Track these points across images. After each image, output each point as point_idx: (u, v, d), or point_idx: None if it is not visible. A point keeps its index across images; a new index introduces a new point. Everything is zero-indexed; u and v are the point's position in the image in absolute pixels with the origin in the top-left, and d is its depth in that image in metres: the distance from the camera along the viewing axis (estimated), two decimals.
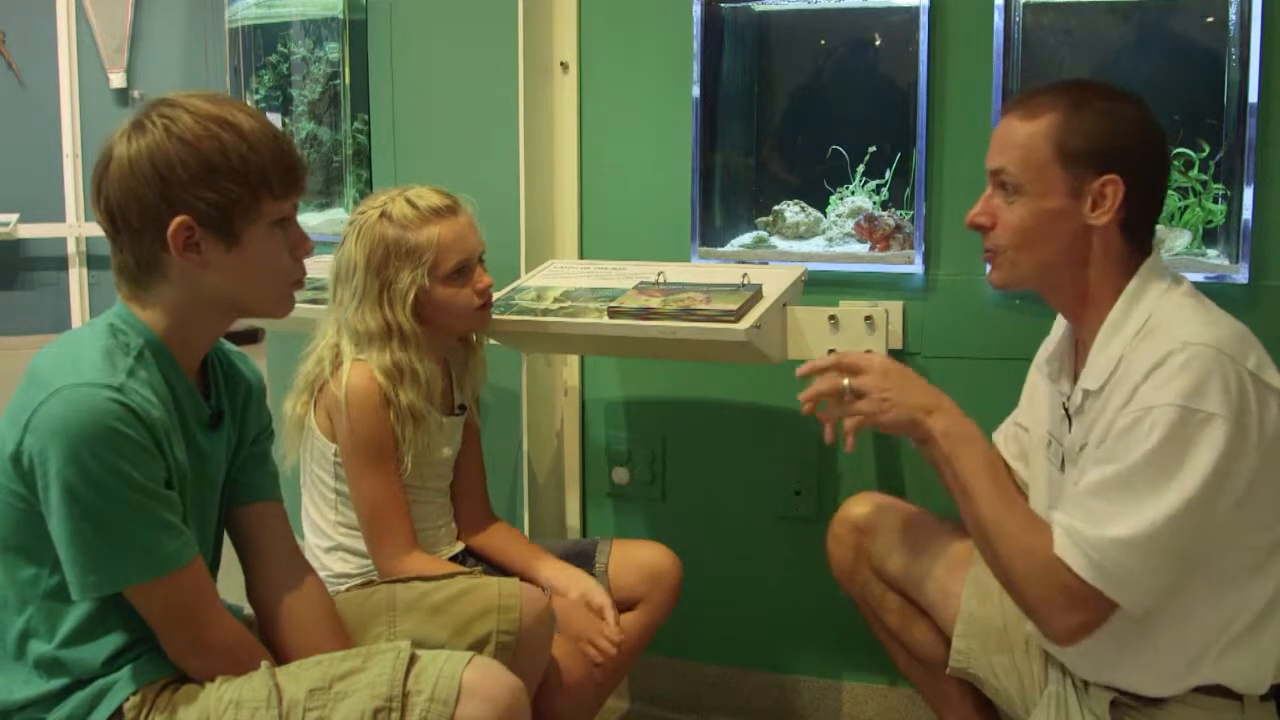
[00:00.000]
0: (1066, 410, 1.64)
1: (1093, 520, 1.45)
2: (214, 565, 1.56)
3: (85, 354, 1.35)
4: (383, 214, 1.92)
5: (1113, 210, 1.53)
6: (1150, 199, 1.57)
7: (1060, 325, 1.72)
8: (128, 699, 1.37)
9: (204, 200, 1.36)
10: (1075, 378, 1.62)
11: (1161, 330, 1.49)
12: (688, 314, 1.95)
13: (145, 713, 1.37)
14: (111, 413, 1.30)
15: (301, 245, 1.47)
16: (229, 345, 1.61)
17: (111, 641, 1.39)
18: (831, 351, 2.09)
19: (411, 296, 1.90)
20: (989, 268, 1.64)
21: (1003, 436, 1.87)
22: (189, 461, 1.43)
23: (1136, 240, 1.57)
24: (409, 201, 1.93)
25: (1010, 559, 1.52)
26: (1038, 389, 1.77)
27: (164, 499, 1.35)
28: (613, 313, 2.01)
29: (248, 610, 1.60)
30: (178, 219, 1.36)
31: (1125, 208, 1.53)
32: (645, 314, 1.98)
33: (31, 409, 1.30)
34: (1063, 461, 1.64)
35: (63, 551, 1.32)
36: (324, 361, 1.94)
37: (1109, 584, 1.44)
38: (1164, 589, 1.47)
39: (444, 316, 1.95)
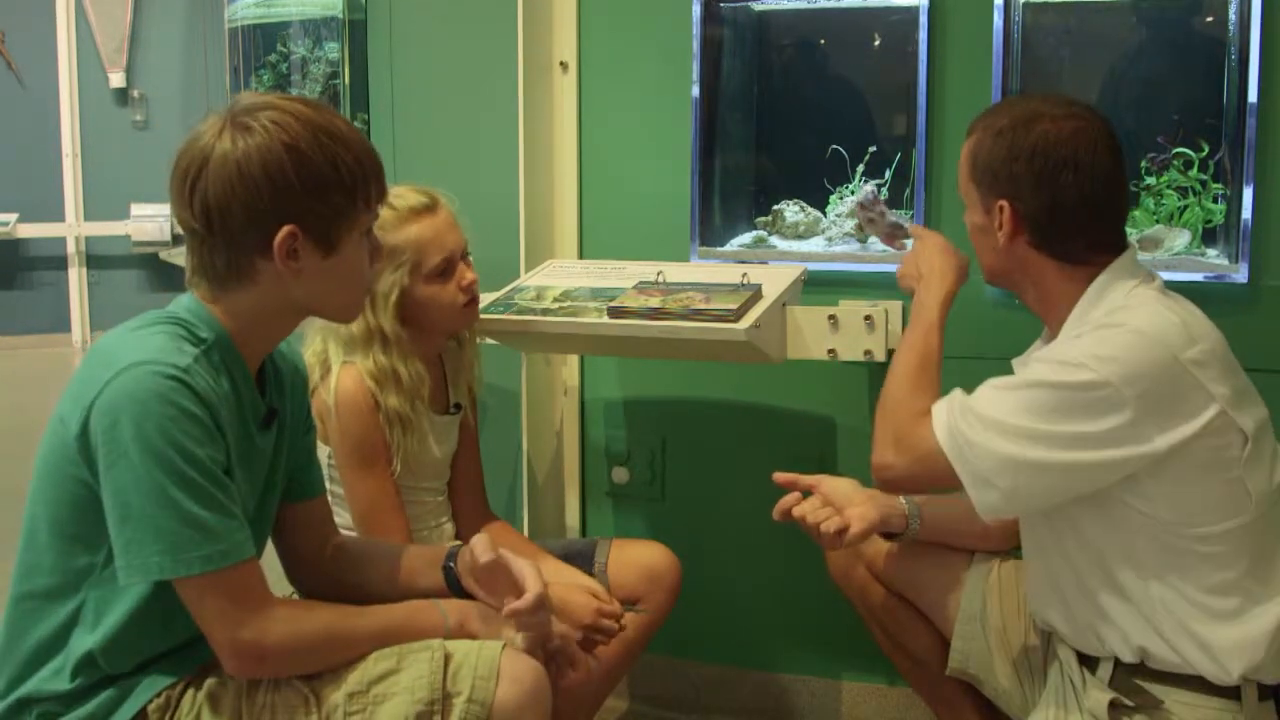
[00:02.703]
0: None
1: (975, 395, 1.53)
2: None
3: (153, 338, 1.34)
4: None
5: (1009, 233, 1.59)
6: (1057, 219, 1.57)
7: (1045, 331, 1.74)
8: (151, 700, 1.37)
9: (313, 211, 1.36)
10: None
11: (1115, 318, 1.52)
12: (687, 314, 1.95)
13: (169, 714, 1.37)
14: (177, 390, 1.28)
15: (378, 252, 1.48)
16: None
17: (150, 643, 1.38)
18: (832, 354, 2.09)
19: (394, 298, 1.89)
20: None
21: None
22: (240, 457, 1.41)
23: (1066, 254, 1.59)
24: (386, 203, 1.92)
25: (886, 412, 1.64)
26: None
27: (225, 485, 1.33)
28: (612, 312, 2.01)
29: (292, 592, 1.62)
30: (286, 228, 1.35)
31: (1025, 230, 1.58)
32: (645, 314, 1.98)
33: (98, 387, 1.29)
34: None
35: (115, 529, 1.29)
36: (313, 367, 1.94)
37: (951, 447, 1.51)
38: (1003, 503, 1.50)
39: (429, 315, 1.93)
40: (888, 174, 2.27)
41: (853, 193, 2.32)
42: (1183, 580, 1.50)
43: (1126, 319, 1.50)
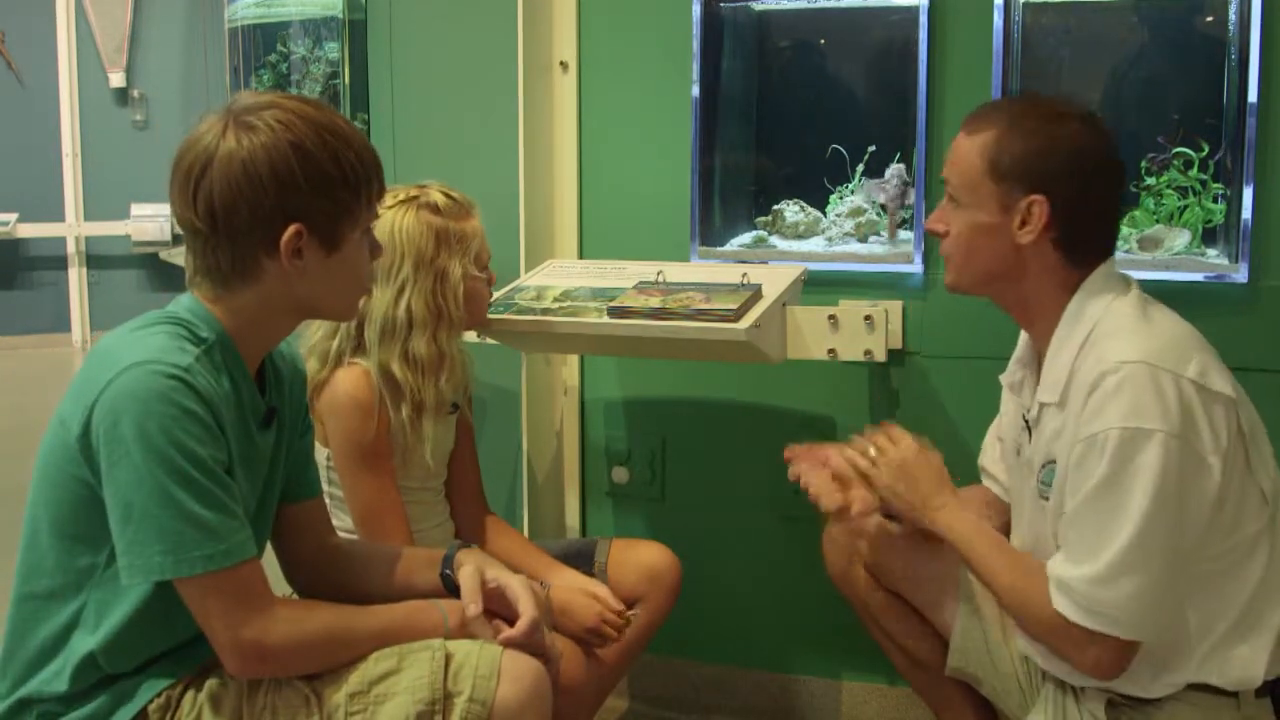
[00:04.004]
0: (1026, 421, 1.67)
1: (1070, 559, 1.49)
2: None
3: (154, 338, 1.34)
4: (420, 205, 1.91)
5: (1038, 230, 1.57)
6: (1085, 218, 1.57)
7: (1024, 337, 1.74)
8: (152, 701, 1.37)
9: (318, 209, 1.36)
10: (1036, 389, 1.64)
11: (1101, 347, 1.51)
12: (688, 314, 1.95)
13: (170, 714, 1.37)
14: (179, 389, 1.29)
15: (377, 251, 1.49)
16: None
17: (150, 644, 1.38)
18: (832, 351, 2.09)
19: (463, 286, 1.91)
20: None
21: (989, 450, 1.89)
22: (241, 457, 1.41)
23: (1077, 255, 1.58)
24: (444, 194, 1.94)
25: (1025, 619, 1.57)
26: (1007, 399, 1.79)
27: (226, 485, 1.33)
28: (613, 312, 2.01)
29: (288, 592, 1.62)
30: (293, 227, 1.35)
31: (1055, 227, 1.56)
32: (645, 314, 1.98)
33: (100, 387, 1.29)
34: (1035, 477, 1.65)
35: (118, 529, 1.29)
36: (316, 369, 1.93)
37: (1102, 623, 1.46)
38: (1164, 607, 1.47)
39: (469, 305, 1.95)
40: (888, 173, 2.27)
41: (852, 193, 2.33)
42: (1204, 605, 1.50)
43: (1120, 353, 1.47)
